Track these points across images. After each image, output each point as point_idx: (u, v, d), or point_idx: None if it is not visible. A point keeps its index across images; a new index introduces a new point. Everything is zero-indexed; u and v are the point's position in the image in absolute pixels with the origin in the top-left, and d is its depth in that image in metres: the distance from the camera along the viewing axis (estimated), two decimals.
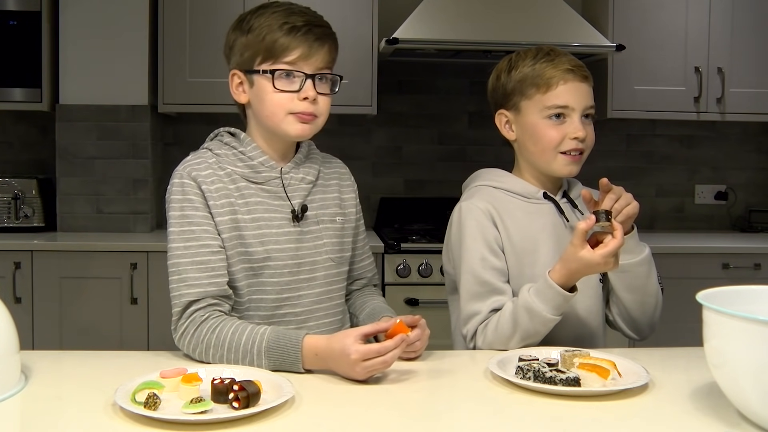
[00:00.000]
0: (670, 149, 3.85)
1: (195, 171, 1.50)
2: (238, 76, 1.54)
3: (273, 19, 1.49)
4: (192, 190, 1.49)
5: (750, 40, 3.44)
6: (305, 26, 1.49)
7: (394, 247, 3.04)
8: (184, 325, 1.43)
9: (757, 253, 3.22)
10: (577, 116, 1.57)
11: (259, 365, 1.37)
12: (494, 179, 1.67)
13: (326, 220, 1.60)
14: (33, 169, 3.51)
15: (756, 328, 1.01)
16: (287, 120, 1.50)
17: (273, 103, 1.50)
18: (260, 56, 1.49)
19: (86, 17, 3.22)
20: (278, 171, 1.55)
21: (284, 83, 1.49)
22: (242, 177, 1.53)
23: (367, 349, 1.30)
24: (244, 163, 1.54)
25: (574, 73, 1.57)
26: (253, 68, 1.51)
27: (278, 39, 1.48)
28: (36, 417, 1.16)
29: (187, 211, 1.48)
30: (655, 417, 1.17)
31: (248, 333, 1.39)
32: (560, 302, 1.47)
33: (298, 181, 1.57)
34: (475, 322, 1.55)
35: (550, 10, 3.23)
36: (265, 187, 1.54)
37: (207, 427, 1.09)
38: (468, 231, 1.60)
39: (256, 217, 1.51)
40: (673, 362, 1.47)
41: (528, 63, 1.60)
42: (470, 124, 3.69)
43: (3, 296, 1.80)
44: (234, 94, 1.56)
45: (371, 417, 1.17)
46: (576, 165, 1.60)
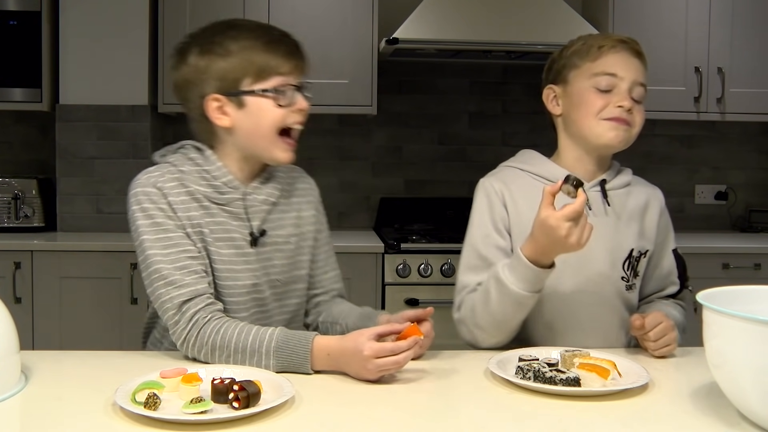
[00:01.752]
0: (670, 149, 3.85)
1: (159, 182, 1.48)
2: (218, 99, 1.48)
3: (253, 40, 1.48)
4: (159, 199, 1.46)
5: (750, 40, 3.44)
6: (284, 40, 1.51)
7: (394, 247, 3.04)
8: (186, 329, 1.41)
9: (757, 253, 3.22)
10: (626, 86, 1.52)
11: (267, 366, 1.36)
12: (524, 161, 1.65)
13: (279, 242, 1.58)
14: (33, 169, 3.51)
15: (756, 328, 1.01)
16: (279, 146, 1.51)
17: (273, 120, 1.49)
18: (250, 78, 1.47)
19: (86, 17, 3.22)
20: (241, 192, 1.53)
21: (283, 98, 1.50)
22: (205, 197, 1.50)
23: (380, 347, 1.30)
24: (208, 182, 1.51)
25: (626, 45, 1.55)
26: (240, 90, 1.48)
27: (268, 59, 1.48)
28: (36, 417, 1.16)
29: (159, 219, 1.46)
30: (655, 417, 1.17)
31: (255, 333, 1.39)
32: (528, 276, 1.41)
33: (259, 202, 1.55)
34: (464, 293, 1.55)
35: (550, 9, 3.23)
36: (227, 208, 1.52)
37: (207, 427, 1.09)
38: (477, 206, 1.61)
39: (219, 237, 1.50)
40: (673, 362, 1.47)
41: (582, 39, 1.59)
42: (470, 124, 3.69)
43: (3, 296, 1.80)
44: (215, 119, 1.50)
45: (371, 417, 1.17)
46: (621, 131, 1.53)
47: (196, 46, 1.50)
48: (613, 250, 1.57)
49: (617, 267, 1.58)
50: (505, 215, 1.58)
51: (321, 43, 3.27)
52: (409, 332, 1.34)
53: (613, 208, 1.59)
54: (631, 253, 1.59)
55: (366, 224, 3.69)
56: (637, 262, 1.60)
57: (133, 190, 1.49)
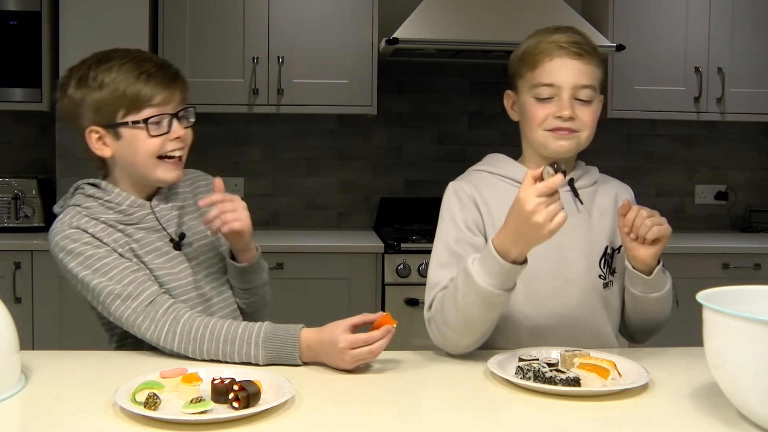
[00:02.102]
0: (670, 149, 3.85)
1: (74, 222, 1.51)
2: (96, 131, 1.53)
3: (126, 72, 1.50)
4: (82, 236, 1.49)
5: (750, 40, 3.44)
6: (158, 71, 1.51)
7: (394, 247, 3.04)
8: (165, 329, 1.43)
9: (757, 253, 3.22)
10: (566, 95, 1.49)
11: (256, 357, 1.39)
12: (492, 164, 1.64)
13: (199, 237, 1.63)
14: (33, 169, 3.51)
15: (756, 328, 1.01)
16: (161, 168, 1.53)
17: (147, 150, 1.51)
18: (123, 109, 1.50)
19: (86, 17, 3.22)
20: (148, 207, 1.57)
21: (156, 128, 1.51)
22: (118, 222, 1.54)
23: (354, 338, 1.35)
24: (114, 210, 1.55)
25: (564, 49, 1.50)
26: (116, 122, 1.51)
27: (139, 90, 1.49)
28: (36, 417, 1.16)
29: (87, 253, 1.48)
30: (655, 417, 1.17)
31: (243, 326, 1.43)
32: (497, 270, 1.34)
33: (168, 210, 1.60)
34: (435, 290, 1.50)
35: (550, 10, 3.23)
36: (141, 225, 1.56)
37: (207, 427, 1.09)
38: (447, 207, 1.58)
39: (145, 252, 1.54)
40: (673, 362, 1.47)
41: (528, 42, 1.56)
42: (470, 124, 3.69)
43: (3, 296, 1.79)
44: (96, 149, 1.55)
45: (371, 417, 1.17)
46: (565, 140, 1.51)
47: (73, 79, 1.56)
48: (589, 249, 1.56)
49: (594, 266, 1.56)
50: (477, 216, 1.56)
51: (321, 44, 3.27)
52: (382, 321, 1.38)
53: (585, 207, 1.59)
54: (606, 250, 1.58)
55: (366, 224, 3.69)
56: (611, 258, 1.58)
57: (53, 241, 1.52)
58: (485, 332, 1.45)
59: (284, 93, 3.26)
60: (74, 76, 1.56)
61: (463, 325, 1.42)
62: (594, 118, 1.55)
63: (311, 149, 3.67)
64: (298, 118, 3.57)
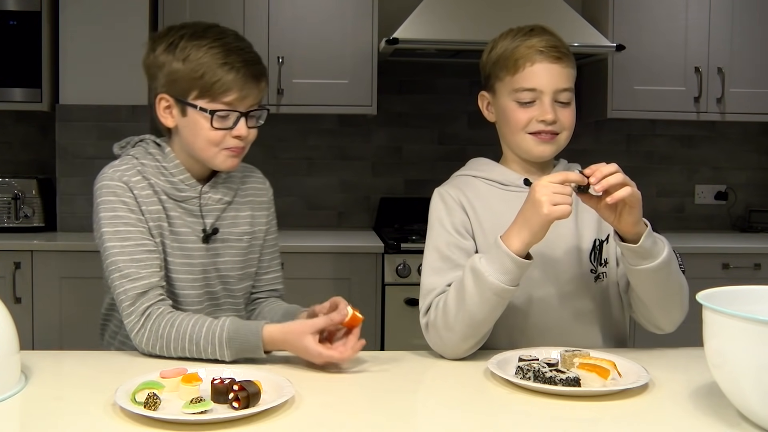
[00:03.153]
0: (670, 149, 3.85)
1: (125, 176, 1.53)
2: (166, 100, 1.53)
3: (212, 57, 1.48)
4: (124, 193, 1.52)
5: (750, 40, 3.44)
6: (243, 68, 1.50)
7: (394, 247, 3.04)
8: (140, 323, 1.45)
9: (757, 253, 3.22)
10: (548, 99, 1.51)
11: (222, 355, 1.41)
12: (476, 168, 1.65)
13: (232, 239, 1.63)
14: (33, 169, 3.51)
15: (756, 328, 1.01)
16: (220, 155, 1.53)
17: (207, 139, 1.51)
18: (196, 91, 1.49)
19: (86, 17, 3.22)
20: (197, 191, 1.58)
21: (220, 122, 1.51)
22: (163, 191, 1.55)
23: (330, 356, 1.36)
24: (166, 178, 1.56)
25: (544, 54, 1.51)
26: (187, 100, 1.51)
27: (218, 80, 1.48)
28: (36, 417, 1.16)
29: (120, 212, 1.51)
30: (655, 417, 1.17)
31: (208, 325, 1.42)
32: (507, 265, 1.37)
33: (215, 201, 1.61)
34: (431, 296, 1.51)
35: (550, 10, 3.23)
36: (184, 205, 1.57)
37: (207, 427, 1.09)
38: (436, 213, 1.59)
39: (175, 230, 1.55)
40: (673, 362, 1.47)
41: (505, 42, 1.56)
42: (470, 124, 3.69)
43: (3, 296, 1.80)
44: (161, 117, 1.55)
45: (371, 417, 1.17)
46: (547, 145, 1.53)
47: (165, 42, 1.53)
48: (577, 246, 1.56)
49: (584, 261, 1.56)
50: (465, 219, 1.57)
51: (321, 43, 3.27)
52: (352, 322, 1.39)
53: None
54: (595, 243, 1.58)
55: (366, 224, 3.69)
56: (600, 250, 1.58)
57: (99, 184, 1.55)
58: (485, 334, 1.46)
59: (284, 93, 3.26)
60: (166, 39, 1.53)
61: (468, 326, 1.42)
62: (573, 118, 1.56)
63: (311, 149, 3.66)
64: (298, 118, 3.57)
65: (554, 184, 1.35)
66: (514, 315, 1.52)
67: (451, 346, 1.46)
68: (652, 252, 1.41)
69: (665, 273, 1.44)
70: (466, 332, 1.43)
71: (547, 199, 1.33)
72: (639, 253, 1.41)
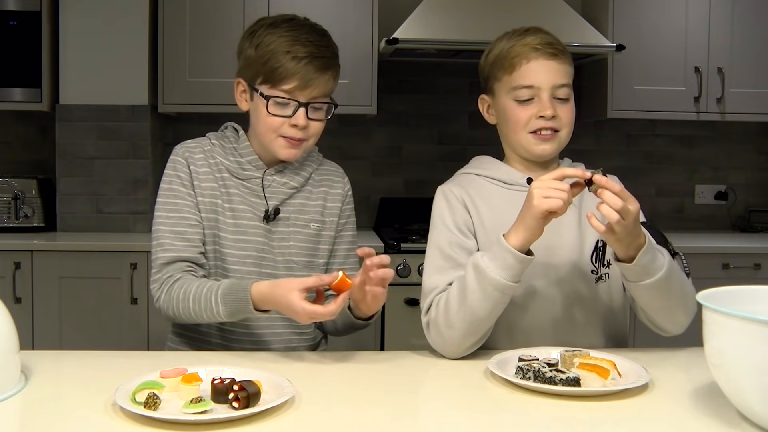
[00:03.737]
0: (670, 149, 3.85)
1: (189, 152, 1.63)
2: (242, 84, 1.62)
3: (279, 43, 1.55)
4: (182, 168, 1.61)
5: (750, 40, 3.44)
6: (306, 57, 1.54)
7: (394, 247, 3.04)
8: (160, 289, 1.54)
9: (757, 253, 3.21)
10: (546, 95, 1.51)
11: (218, 312, 1.47)
12: (479, 166, 1.66)
13: (299, 224, 1.66)
14: (33, 169, 3.51)
15: (756, 328, 1.01)
16: (277, 142, 1.59)
17: (265, 124, 1.57)
18: (261, 76, 1.57)
19: (86, 17, 3.22)
20: (261, 172, 1.63)
21: (277, 109, 1.56)
22: (227, 170, 1.63)
23: (314, 311, 1.38)
24: (234, 158, 1.64)
25: (539, 51, 1.51)
26: (254, 85, 1.58)
27: (279, 67, 1.54)
28: (36, 417, 1.16)
29: (175, 185, 1.61)
30: (655, 417, 1.17)
31: (210, 285, 1.50)
32: (509, 261, 1.38)
33: (279, 185, 1.64)
34: (432, 294, 1.51)
35: (550, 10, 3.23)
36: (246, 184, 1.63)
37: (207, 427, 1.09)
38: (438, 212, 1.59)
39: (230, 207, 1.61)
40: (673, 362, 1.47)
41: (501, 44, 1.57)
42: (470, 124, 3.69)
43: (3, 296, 1.80)
44: (237, 99, 1.65)
45: (371, 417, 1.17)
46: (548, 143, 1.54)
47: (250, 29, 1.62)
48: (578, 246, 1.56)
49: (584, 262, 1.56)
50: (468, 218, 1.57)
51: None
52: (340, 285, 1.39)
53: (574, 202, 1.57)
54: (597, 244, 1.57)
55: (366, 224, 3.69)
56: (603, 251, 1.57)
57: (170, 157, 1.64)
58: (486, 333, 1.46)
59: None
60: (251, 28, 1.62)
61: (470, 324, 1.42)
62: (572, 115, 1.56)
63: None
64: None
65: (550, 180, 1.36)
66: (513, 314, 1.52)
67: (452, 344, 1.46)
68: (650, 270, 1.40)
69: (665, 288, 1.43)
70: (468, 329, 1.43)
71: (539, 192, 1.35)
72: (635, 272, 1.40)
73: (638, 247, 1.38)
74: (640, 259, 1.38)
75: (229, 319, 1.50)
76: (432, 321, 1.48)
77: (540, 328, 1.54)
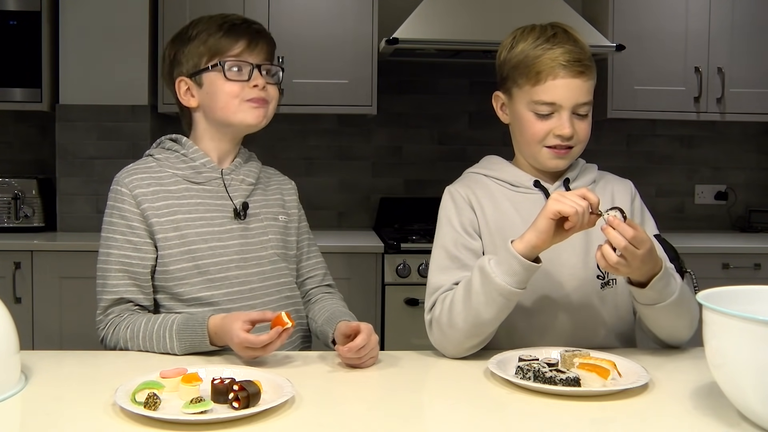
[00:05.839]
0: (670, 149, 3.85)
1: (131, 176, 1.60)
2: (185, 82, 1.62)
3: (212, 23, 1.60)
4: (122, 198, 1.58)
5: (750, 40, 3.44)
6: (243, 23, 1.61)
7: (394, 247, 3.04)
8: (104, 329, 1.57)
9: (757, 253, 3.21)
10: (566, 113, 1.49)
11: (172, 347, 1.48)
12: (488, 167, 1.65)
13: (269, 218, 1.68)
14: (33, 169, 3.51)
15: (756, 328, 1.01)
16: (242, 108, 1.60)
17: (226, 93, 1.58)
18: (206, 56, 1.59)
19: (86, 17, 3.22)
20: (219, 172, 1.63)
21: (234, 74, 1.58)
22: (183, 179, 1.61)
23: (245, 338, 1.37)
24: (186, 164, 1.62)
25: (567, 68, 1.48)
26: (200, 68, 1.60)
27: (221, 37, 1.58)
28: (36, 417, 1.16)
29: (114, 218, 1.59)
30: (655, 417, 1.17)
31: (160, 321, 1.50)
32: (515, 268, 1.37)
33: (238, 182, 1.65)
34: (437, 293, 1.50)
35: (550, 10, 3.23)
36: (206, 187, 1.62)
37: (207, 427, 1.09)
38: (445, 212, 1.59)
39: (197, 217, 1.59)
40: (673, 362, 1.47)
41: (526, 46, 1.53)
42: (470, 124, 3.69)
43: (3, 296, 1.80)
44: (183, 101, 1.64)
45: (371, 417, 1.17)
46: (562, 159, 1.53)
47: (171, 41, 1.65)
48: (585, 249, 1.55)
49: (590, 266, 1.54)
50: (474, 218, 1.56)
51: (321, 43, 3.27)
52: (275, 322, 1.39)
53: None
54: None
55: (366, 224, 3.69)
56: None
57: (112, 182, 1.62)
58: (490, 334, 1.46)
59: (284, 93, 3.26)
60: (172, 38, 1.66)
61: (473, 326, 1.42)
62: (588, 130, 1.55)
63: (311, 149, 3.67)
64: (298, 118, 3.57)
65: (570, 193, 1.36)
66: (515, 316, 1.51)
67: (454, 344, 1.46)
68: (663, 294, 1.40)
69: (674, 311, 1.44)
70: (470, 331, 1.43)
71: (555, 196, 1.35)
72: (647, 296, 1.41)
73: (653, 273, 1.38)
74: (655, 285, 1.38)
75: (183, 354, 1.47)
76: (435, 319, 1.48)
77: (541, 331, 1.53)
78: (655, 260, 1.37)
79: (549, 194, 1.56)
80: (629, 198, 1.63)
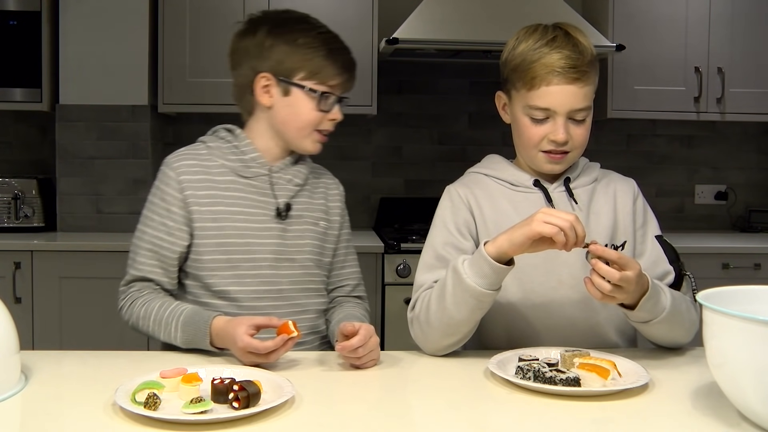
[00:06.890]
0: (670, 149, 3.85)
1: (180, 161, 1.59)
2: (267, 79, 1.58)
3: (321, 41, 1.57)
4: (168, 181, 1.58)
5: (750, 40, 3.44)
6: (347, 55, 1.60)
7: (394, 247, 3.04)
8: (123, 301, 1.58)
9: (757, 253, 3.21)
10: (561, 119, 1.48)
11: (175, 338, 1.49)
12: (489, 167, 1.65)
13: (310, 222, 1.66)
14: (33, 169, 3.51)
15: (756, 328, 1.01)
16: (312, 136, 1.60)
17: (307, 119, 1.58)
18: (304, 72, 1.56)
19: (86, 17, 3.22)
20: (267, 169, 1.62)
21: (324, 104, 1.58)
22: (231, 170, 1.60)
23: (249, 343, 1.35)
24: (237, 156, 1.61)
25: (561, 75, 1.46)
26: (292, 80, 1.57)
27: (329, 65, 1.56)
28: (36, 417, 1.16)
29: (156, 199, 1.59)
30: (655, 417, 1.17)
31: (173, 308, 1.51)
32: (486, 271, 1.36)
33: (285, 181, 1.64)
34: (420, 291, 1.51)
35: (550, 10, 3.23)
36: (253, 182, 1.61)
37: (207, 427, 1.09)
38: (441, 211, 1.59)
39: (238, 211, 1.58)
40: (673, 362, 1.47)
41: (525, 48, 1.51)
42: (470, 124, 3.69)
43: (3, 296, 1.79)
44: (258, 95, 1.59)
45: (371, 417, 1.17)
46: (557, 164, 1.53)
47: (268, 24, 1.60)
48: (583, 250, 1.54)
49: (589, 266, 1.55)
50: (470, 219, 1.56)
51: None
52: (281, 330, 1.38)
53: (581, 207, 1.57)
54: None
55: (366, 224, 3.69)
56: None
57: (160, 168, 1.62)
58: (467, 334, 1.46)
59: None
60: (269, 22, 1.60)
61: (447, 326, 1.43)
62: (587, 134, 1.54)
63: None
64: None
65: (560, 212, 1.33)
66: (514, 315, 1.52)
67: (432, 342, 1.47)
68: (653, 312, 1.41)
69: (667, 325, 1.44)
70: (446, 330, 1.44)
71: (542, 216, 1.32)
72: (638, 316, 1.41)
73: (642, 292, 1.37)
74: (644, 306, 1.38)
75: (184, 347, 1.48)
76: (415, 317, 1.50)
77: (540, 330, 1.53)
78: (644, 279, 1.37)
79: (549, 194, 1.56)
80: (631, 197, 1.62)
